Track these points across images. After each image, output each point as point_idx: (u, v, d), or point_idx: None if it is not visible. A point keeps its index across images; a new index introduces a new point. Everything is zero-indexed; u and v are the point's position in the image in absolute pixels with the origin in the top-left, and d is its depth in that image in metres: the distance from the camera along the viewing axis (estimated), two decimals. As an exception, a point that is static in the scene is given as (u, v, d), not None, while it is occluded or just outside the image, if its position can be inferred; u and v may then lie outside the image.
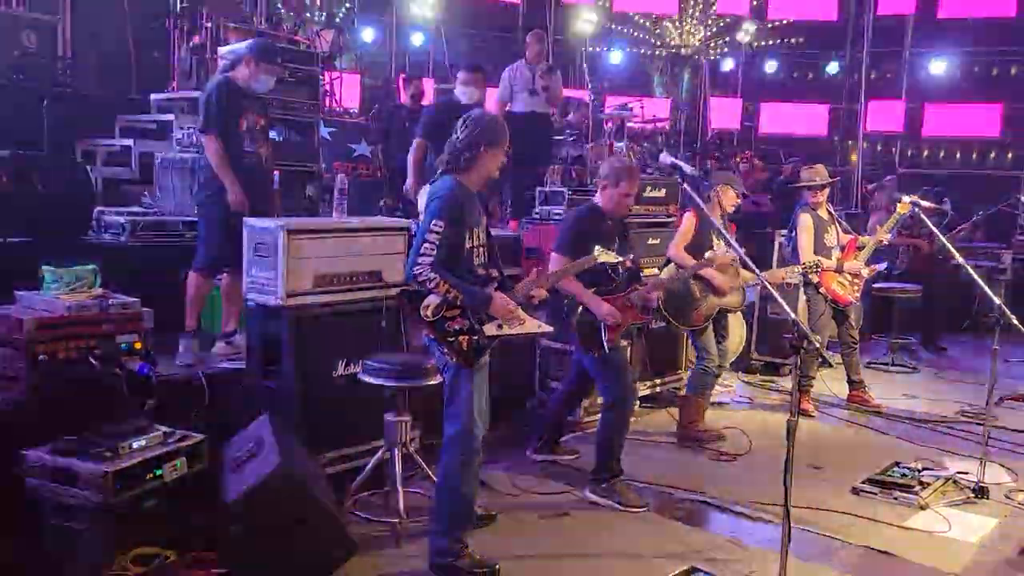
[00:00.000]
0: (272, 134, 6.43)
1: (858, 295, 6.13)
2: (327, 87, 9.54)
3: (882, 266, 6.42)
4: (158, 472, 3.56)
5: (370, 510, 4.07)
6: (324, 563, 3.37)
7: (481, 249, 3.61)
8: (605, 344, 4.29)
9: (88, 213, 5.42)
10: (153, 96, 6.95)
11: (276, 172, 6.05)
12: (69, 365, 3.83)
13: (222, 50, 6.48)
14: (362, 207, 7.13)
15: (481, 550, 3.60)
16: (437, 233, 3.37)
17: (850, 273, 6.03)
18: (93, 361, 3.84)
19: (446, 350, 3.44)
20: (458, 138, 3.54)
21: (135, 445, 3.54)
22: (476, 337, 3.47)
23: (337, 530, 3.41)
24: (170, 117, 6.46)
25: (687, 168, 3.43)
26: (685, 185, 3.38)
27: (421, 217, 3.65)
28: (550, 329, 3.93)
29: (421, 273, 3.35)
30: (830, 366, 3.09)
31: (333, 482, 3.97)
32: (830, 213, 6.19)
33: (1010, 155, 14.49)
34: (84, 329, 3.92)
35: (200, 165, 4.90)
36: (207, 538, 3.55)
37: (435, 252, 3.36)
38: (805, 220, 6.02)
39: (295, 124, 6.77)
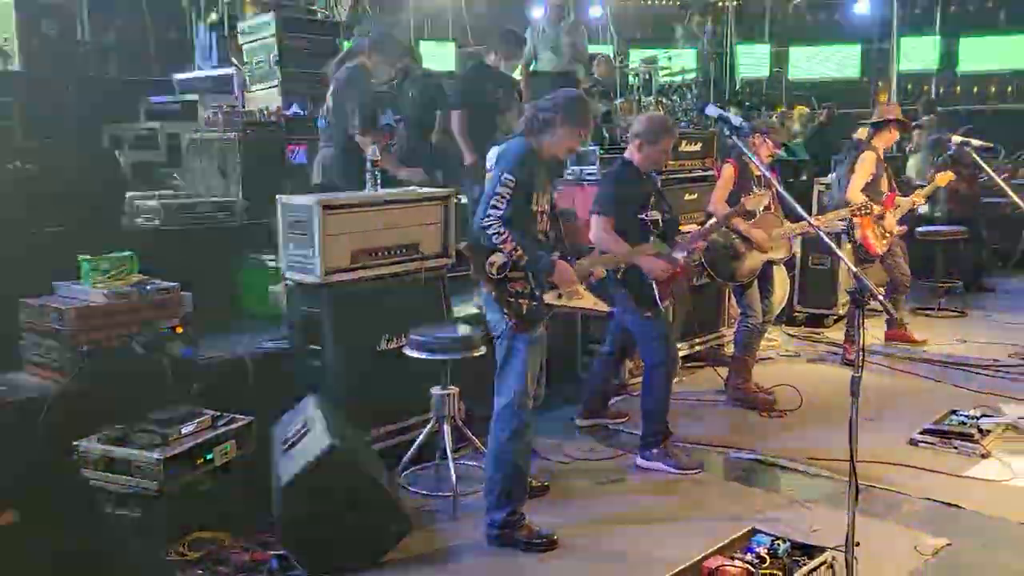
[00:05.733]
0: (295, 108, 6.36)
1: (885, 250, 5.89)
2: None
3: (904, 228, 6.13)
4: (209, 456, 3.56)
5: (421, 484, 4.05)
6: (381, 540, 3.35)
7: (545, 217, 3.53)
8: (658, 301, 4.20)
9: (119, 199, 5.38)
10: (175, 76, 6.89)
11: (303, 147, 6.00)
12: (113, 353, 3.82)
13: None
14: (384, 178, 7.04)
15: (537, 520, 3.56)
16: (507, 187, 3.29)
17: (886, 228, 5.79)
18: (136, 348, 3.83)
19: (505, 310, 3.37)
20: (543, 101, 3.48)
21: (184, 430, 3.54)
22: (535, 303, 3.41)
23: (392, 506, 3.38)
24: (194, 97, 6.40)
25: (735, 119, 3.28)
26: (733, 138, 3.25)
27: (490, 175, 3.57)
28: (607, 308, 3.86)
29: (491, 226, 3.28)
30: (893, 317, 2.98)
31: (381, 458, 3.93)
32: (884, 161, 5.97)
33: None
34: (125, 316, 3.90)
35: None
36: (262, 520, 3.55)
37: (504, 206, 3.28)
38: (869, 157, 5.79)
39: (322, 96, 6.65)
